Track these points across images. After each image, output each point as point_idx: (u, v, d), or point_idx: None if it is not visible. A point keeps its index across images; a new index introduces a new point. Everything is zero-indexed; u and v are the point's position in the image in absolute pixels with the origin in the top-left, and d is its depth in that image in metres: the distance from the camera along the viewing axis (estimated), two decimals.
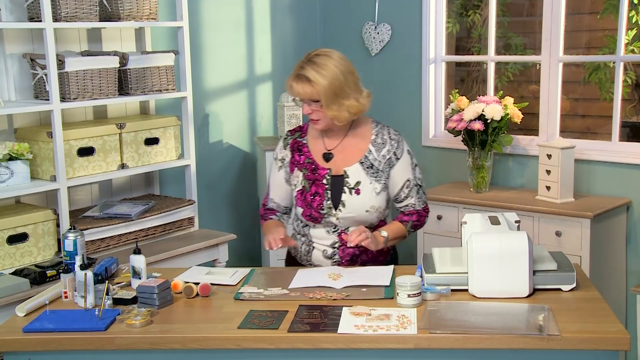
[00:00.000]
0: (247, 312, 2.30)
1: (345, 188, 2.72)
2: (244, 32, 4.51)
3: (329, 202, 2.73)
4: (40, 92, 3.34)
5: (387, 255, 2.85)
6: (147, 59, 3.62)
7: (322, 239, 2.77)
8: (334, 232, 2.75)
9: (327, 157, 2.77)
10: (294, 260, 2.89)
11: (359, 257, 2.77)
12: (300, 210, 2.78)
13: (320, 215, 2.73)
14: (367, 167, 2.74)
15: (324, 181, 2.75)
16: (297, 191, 2.78)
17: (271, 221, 2.88)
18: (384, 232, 2.73)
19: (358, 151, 2.76)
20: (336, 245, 2.75)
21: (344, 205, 2.72)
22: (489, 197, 3.96)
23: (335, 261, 2.76)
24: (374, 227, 2.77)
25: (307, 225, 2.80)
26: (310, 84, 2.62)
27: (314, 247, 2.79)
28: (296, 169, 2.80)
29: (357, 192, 2.72)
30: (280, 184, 2.86)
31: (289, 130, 2.90)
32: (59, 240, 3.28)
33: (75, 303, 2.44)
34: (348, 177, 2.73)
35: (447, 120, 4.20)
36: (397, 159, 2.76)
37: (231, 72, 4.46)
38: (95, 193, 3.76)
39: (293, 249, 2.88)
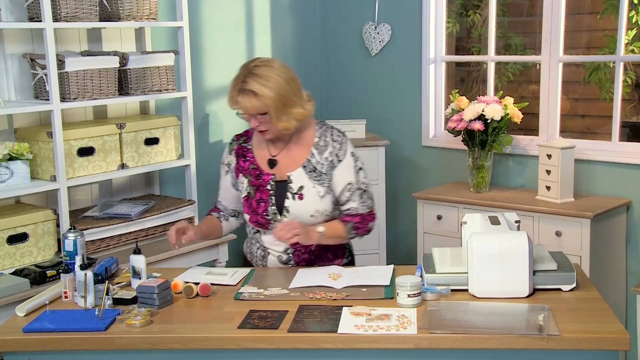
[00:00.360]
0: (247, 312, 2.30)
1: (289, 193, 2.70)
2: (244, 32, 4.51)
3: (273, 207, 2.71)
4: (40, 92, 3.34)
5: (342, 258, 2.84)
6: (147, 59, 3.62)
7: (273, 244, 2.75)
8: (322, 227, 2.72)
9: (272, 163, 2.75)
10: (249, 265, 2.87)
11: (314, 261, 2.77)
12: (247, 216, 2.78)
13: (267, 221, 2.72)
14: (310, 171, 2.71)
15: (268, 187, 2.73)
16: (243, 197, 2.77)
17: (208, 217, 2.89)
18: (320, 228, 2.66)
19: (301, 155, 2.73)
20: (289, 250, 2.74)
21: (287, 211, 2.70)
22: (489, 197, 3.96)
23: (291, 266, 2.76)
24: None
25: (258, 231, 2.79)
26: (257, 98, 2.57)
27: (268, 253, 2.78)
28: (241, 175, 2.79)
29: (300, 197, 2.69)
30: (227, 188, 2.85)
31: (235, 135, 2.87)
32: (59, 240, 3.28)
33: (75, 303, 2.45)
34: (291, 182, 2.71)
35: (447, 120, 4.20)
36: (339, 161, 2.71)
37: (231, 72, 4.40)
38: (95, 193, 3.76)
39: (249, 252, 2.87)
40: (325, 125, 2.78)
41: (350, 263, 2.89)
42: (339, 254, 2.83)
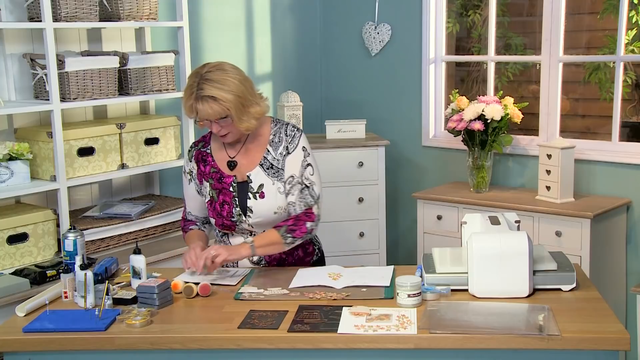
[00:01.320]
0: (247, 312, 2.30)
1: (250, 193, 2.70)
2: (244, 32, 4.51)
3: (237, 209, 2.71)
4: (40, 92, 3.34)
5: (312, 256, 2.85)
6: (147, 59, 3.62)
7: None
8: (250, 235, 2.74)
9: (231, 165, 2.74)
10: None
11: (285, 260, 2.77)
12: (212, 220, 2.77)
13: (232, 223, 2.72)
14: (268, 168, 2.71)
15: (231, 189, 2.72)
16: (207, 202, 2.77)
17: (192, 232, 2.84)
18: (249, 239, 2.67)
19: (258, 154, 2.73)
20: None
21: (251, 211, 2.70)
22: (489, 197, 3.96)
23: (262, 265, 2.76)
24: None
25: (225, 234, 2.79)
26: (217, 102, 2.55)
27: None
28: (204, 179, 2.78)
29: (262, 195, 2.69)
30: (193, 196, 2.83)
31: (193, 142, 2.87)
32: (59, 240, 3.28)
33: (75, 303, 2.44)
34: (251, 182, 2.71)
35: (447, 120, 4.20)
36: (288, 153, 2.71)
37: None
38: (95, 193, 3.76)
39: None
40: (280, 122, 2.77)
41: (320, 261, 2.89)
42: (308, 250, 2.84)
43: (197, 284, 2.48)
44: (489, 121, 3.91)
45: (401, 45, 4.60)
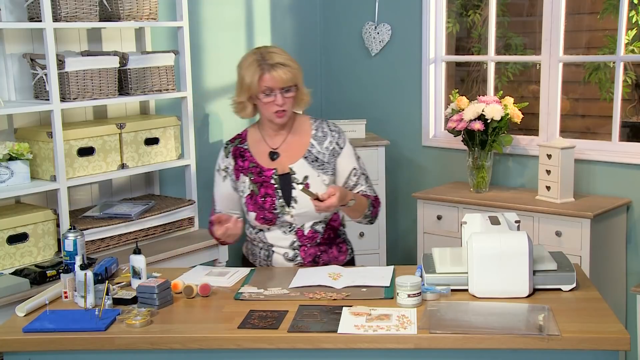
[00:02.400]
0: (247, 312, 2.30)
1: (294, 184, 2.72)
2: (244, 32, 4.51)
3: (280, 200, 2.72)
4: (40, 92, 3.34)
5: (345, 255, 2.86)
6: (147, 59, 3.62)
7: (279, 240, 2.75)
8: (290, 231, 2.74)
9: (273, 155, 2.77)
10: (250, 266, 2.86)
11: (320, 257, 2.78)
12: (252, 215, 2.76)
13: (274, 215, 2.72)
14: (312, 161, 2.74)
15: (272, 181, 2.74)
16: (246, 196, 2.77)
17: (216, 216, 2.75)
18: (351, 201, 2.66)
19: (300, 147, 2.77)
20: (295, 244, 2.74)
21: (295, 202, 2.71)
22: (489, 197, 3.96)
23: (297, 263, 2.76)
24: (329, 222, 2.78)
25: (261, 230, 2.79)
26: (289, 69, 2.66)
27: (273, 252, 2.78)
28: (242, 174, 2.79)
29: (307, 186, 2.70)
30: (226, 195, 2.83)
31: (228, 140, 2.89)
32: (59, 240, 3.28)
33: (75, 303, 2.45)
34: (295, 174, 2.73)
35: (447, 120, 4.20)
36: (341, 148, 2.78)
37: (231, 72, 4.42)
38: (95, 193, 3.76)
39: (250, 254, 2.87)
40: (319, 119, 2.85)
41: (351, 261, 2.90)
42: (342, 249, 2.85)
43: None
44: (489, 121, 3.91)
45: (401, 45, 4.60)
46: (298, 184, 2.70)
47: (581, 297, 2.34)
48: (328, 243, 2.80)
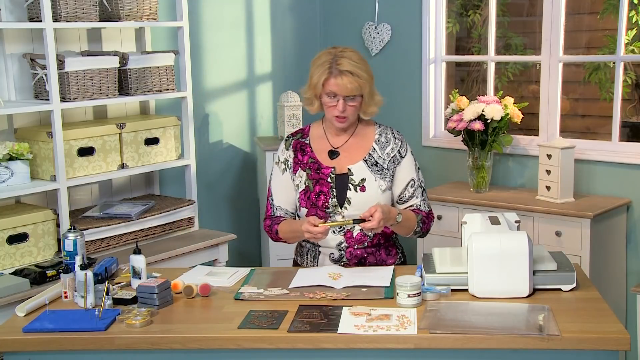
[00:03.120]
0: (247, 312, 2.30)
1: (350, 185, 2.70)
2: (244, 32, 4.51)
3: (334, 199, 2.70)
4: (40, 92, 3.35)
5: (395, 258, 2.82)
6: (147, 59, 3.62)
7: (328, 239, 2.71)
8: (339, 231, 2.71)
9: (333, 154, 2.75)
10: (299, 267, 2.83)
11: (366, 259, 2.74)
12: (304, 210, 2.73)
13: (326, 214, 2.70)
14: (372, 165, 2.73)
15: (329, 179, 2.72)
16: (301, 192, 2.75)
17: (286, 221, 2.76)
18: (397, 210, 2.65)
19: (362, 150, 2.75)
20: (342, 245, 2.72)
21: (349, 203, 2.70)
22: (489, 197, 3.96)
23: (342, 264, 2.73)
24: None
25: None
26: (356, 79, 2.62)
27: (320, 252, 2.76)
28: (300, 169, 2.77)
29: (363, 189, 2.70)
30: (286, 188, 2.79)
31: (290, 133, 2.87)
32: (59, 240, 3.28)
33: (75, 303, 2.44)
34: (352, 175, 2.71)
35: (447, 120, 4.20)
36: (402, 157, 2.76)
37: (231, 72, 4.46)
38: (95, 193, 3.76)
39: (299, 257, 2.85)
40: (383, 125, 2.83)
41: (404, 263, 2.86)
42: (391, 252, 2.81)
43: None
44: (489, 121, 3.91)
45: (401, 45, 4.60)
46: (355, 185, 2.69)
47: (581, 297, 2.34)
48: (377, 246, 2.76)
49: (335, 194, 2.71)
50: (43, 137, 3.29)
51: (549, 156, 3.77)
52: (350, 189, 2.70)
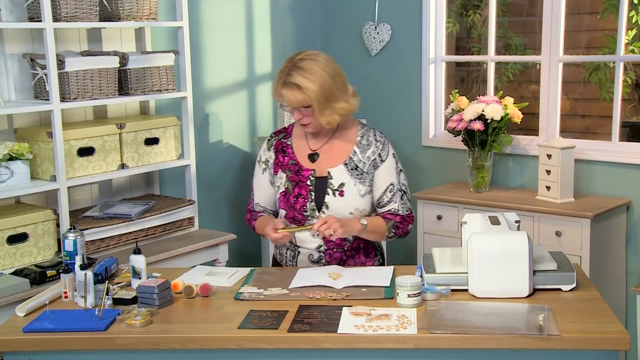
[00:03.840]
0: (247, 312, 2.30)
1: (329, 189, 2.70)
2: (244, 32, 4.51)
3: (312, 203, 2.70)
4: (40, 92, 3.34)
5: (374, 261, 2.82)
6: (147, 59, 3.62)
7: (306, 241, 2.74)
8: (318, 235, 2.70)
9: (313, 157, 2.74)
10: (279, 265, 2.86)
11: (346, 261, 2.76)
12: (283, 212, 2.75)
13: (304, 217, 2.71)
14: (352, 169, 2.71)
15: (308, 182, 2.72)
16: (280, 193, 2.75)
17: (262, 217, 2.82)
18: (363, 221, 2.66)
19: (343, 152, 2.73)
20: (321, 248, 2.73)
21: (327, 207, 2.69)
22: (489, 197, 3.96)
23: (321, 265, 2.75)
24: None
25: None
26: (301, 91, 2.58)
27: (299, 252, 2.77)
28: (280, 170, 2.77)
29: (341, 193, 2.69)
30: (264, 187, 2.82)
31: (273, 132, 2.87)
32: (59, 240, 3.28)
33: (75, 303, 2.44)
34: (332, 179, 2.70)
35: (447, 120, 4.20)
36: (382, 161, 2.73)
37: (231, 72, 4.46)
38: (95, 193, 3.76)
39: (278, 254, 2.86)
40: (367, 126, 2.79)
41: (382, 264, 2.87)
42: (370, 255, 2.81)
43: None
44: (489, 121, 3.91)
45: (401, 45, 4.60)
46: (333, 190, 2.69)
47: (581, 297, 2.34)
48: (356, 249, 2.77)
49: (313, 197, 2.70)
50: (43, 137, 3.29)
51: (549, 156, 3.77)
52: (328, 194, 2.69)
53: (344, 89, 2.67)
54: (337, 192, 2.69)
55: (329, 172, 2.71)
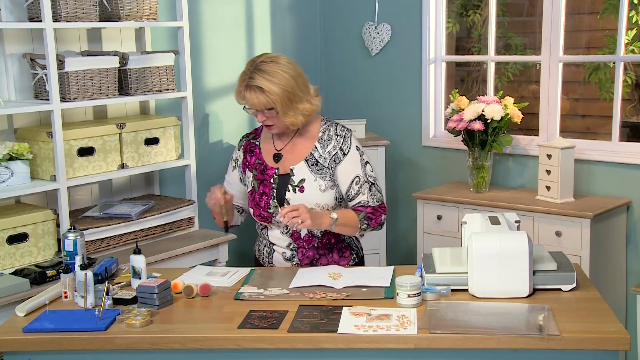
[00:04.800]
0: (247, 312, 2.30)
1: (290, 186, 2.73)
2: (244, 32, 4.51)
3: (274, 200, 2.73)
4: (40, 92, 3.34)
5: (348, 260, 2.83)
6: (147, 59, 3.62)
7: (278, 239, 2.79)
8: (286, 232, 2.75)
9: (277, 157, 2.78)
10: (258, 263, 2.90)
11: (318, 260, 2.77)
12: (251, 210, 2.81)
13: (269, 214, 2.75)
14: (312, 165, 2.73)
15: (271, 180, 2.76)
16: (249, 192, 2.82)
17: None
18: (333, 214, 2.64)
19: (305, 150, 2.76)
20: (291, 246, 2.76)
21: (287, 203, 2.71)
22: (489, 197, 3.96)
23: (294, 264, 2.77)
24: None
25: (265, 227, 2.83)
26: (264, 93, 2.59)
27: (274, 250, 2.81)
28: (247, 169, 2.84)
29: (301, 189, 2.71)
30: (234, 183, 2.90)
31: (245, 133, 2.94)
32: (59, 240, 3.28)
33: (75, 303, 2.45)
34: (293, 175, 2.74)
35: (447, 120, 4.20)
36: (344, 154, 2.74)
37: (231, 72, 4.45)
38: (95, 193, 3.76)
39: (257, 251, 2.90)
40: (330, 121, 2.81)
41: (359, 264, 2.88)
42: (345, 255, 2.82)
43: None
44: (489, 121, 3.91)
45: (401, 45, 4.60)
46: (294, 186, 2.70)
47: (581, 297, 2.34)
48: (328, 247, 2.79)
49: (275, 194, 2.74)
50: (43, 137, 3.29)
51: (549, 156, 3.77)
52: (289, 190, 2.72)
53: (306, 90, 2.69)
54: (297, 188, 2.72)
55: (291, 170, 2.75)
